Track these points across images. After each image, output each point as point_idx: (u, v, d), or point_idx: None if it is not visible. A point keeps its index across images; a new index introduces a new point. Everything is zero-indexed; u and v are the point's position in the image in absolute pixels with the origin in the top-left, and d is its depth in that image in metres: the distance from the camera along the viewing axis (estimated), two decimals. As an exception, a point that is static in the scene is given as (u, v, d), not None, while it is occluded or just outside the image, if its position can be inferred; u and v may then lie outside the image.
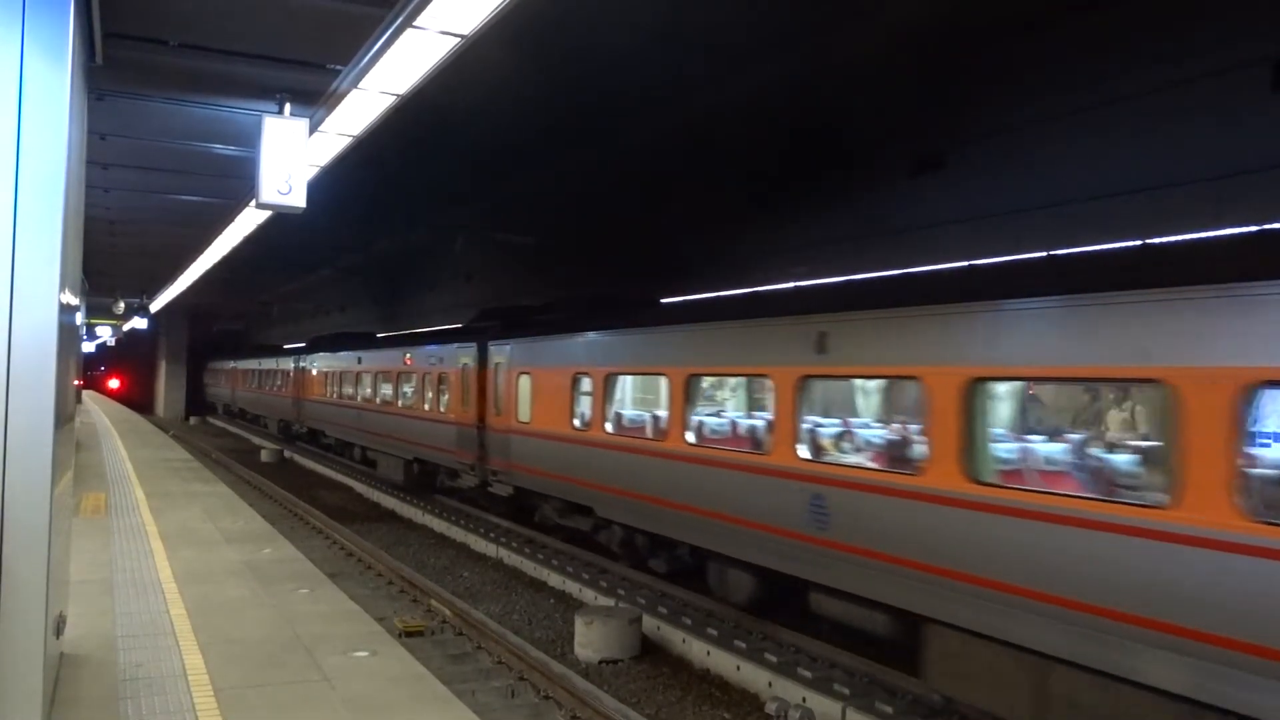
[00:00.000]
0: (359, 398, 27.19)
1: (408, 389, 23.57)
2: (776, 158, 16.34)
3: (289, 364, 36.66)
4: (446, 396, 20.70)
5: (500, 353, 17.97)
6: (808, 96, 13.87)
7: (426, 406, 21.80)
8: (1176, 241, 10.37)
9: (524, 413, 16.80)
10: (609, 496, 13.84)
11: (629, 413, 14.56)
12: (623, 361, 14.05)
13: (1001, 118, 12.87)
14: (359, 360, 27.44)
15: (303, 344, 37.57)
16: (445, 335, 22.47)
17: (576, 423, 14.86)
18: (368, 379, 26.54)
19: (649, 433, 13.68)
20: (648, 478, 12.90)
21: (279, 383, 38.42)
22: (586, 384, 14.68)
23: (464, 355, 19.62)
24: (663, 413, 13.31)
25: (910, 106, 13.60)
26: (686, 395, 12.23)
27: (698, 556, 12.50)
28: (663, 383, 13.10)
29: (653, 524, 12.93)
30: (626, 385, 14.77)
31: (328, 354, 31.25)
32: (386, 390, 25.40)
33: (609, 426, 14.00)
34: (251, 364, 45.85)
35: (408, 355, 23.52)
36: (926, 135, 14.04)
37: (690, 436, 12.16)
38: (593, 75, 13.30)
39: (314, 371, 32.68)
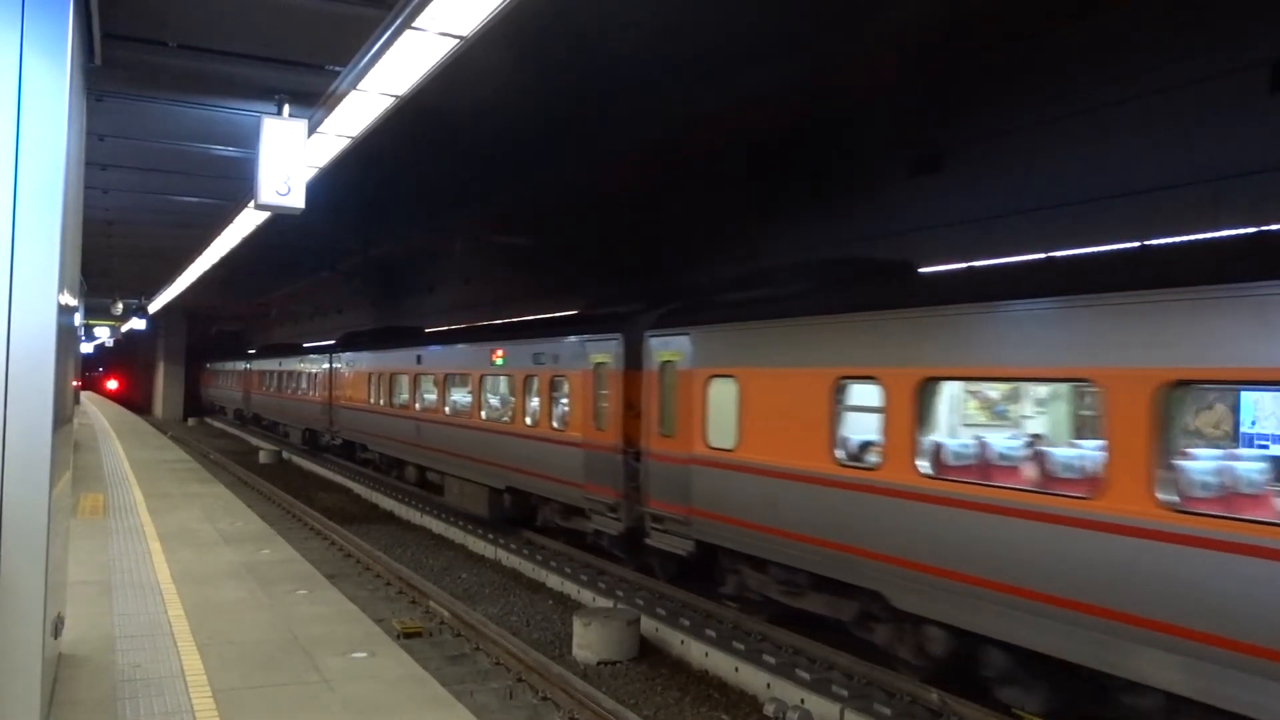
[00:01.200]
0: (419, 406, 22.38)
1: (498, 396, 19.20)
2: (776, 158, 16.35)
3: (317, 364, 32.18)
4: (565, 407, 15.87)
5: (671, 346, 12.88)
6: (807, 97, 13.87)
7: (529, 420, 16.90)
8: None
9: (720, 434, 11.79)
10: (929, 581, 8.73)
11: (972, 443, 9.18)
12: (970, 357, 8.74)
13: (1000, 119, 12.87)
14: (418, 359, 22.65)
15: (331, 340, 33.78)
16: (558, 325, 17.83)
17: (841, 454, 9.97)
18: (432, 382, 21.54)
19: (1034, 477, 8.53)
20: (1042, 560, 7.74)
21: (304, 386, 33.82)
22: (865, 395, 9.78)
23: (598, 351, 14.71)
24: (1089, 451, 8.38)
25: (909, 108, 13.61)
26: (1160, 418, 7.02)
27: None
28: (1095, 398, 8.10)
29: (1062, 644, 7.61)
30: (958, 398, 10.17)
31: (372, 352, 26.47)
32: (462, 397, 20.53)
33: (923, 464, 8.94)
34: (269, 364, 40.71)
35: (498, 350, 18.46)
36: (925, 136, 14.05)
37: (1166, 494, 6.95)
38: (591, 76, 13.30)
39: (352, 373, 27.88)
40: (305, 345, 39.18)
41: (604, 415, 14.37)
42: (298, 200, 8.34)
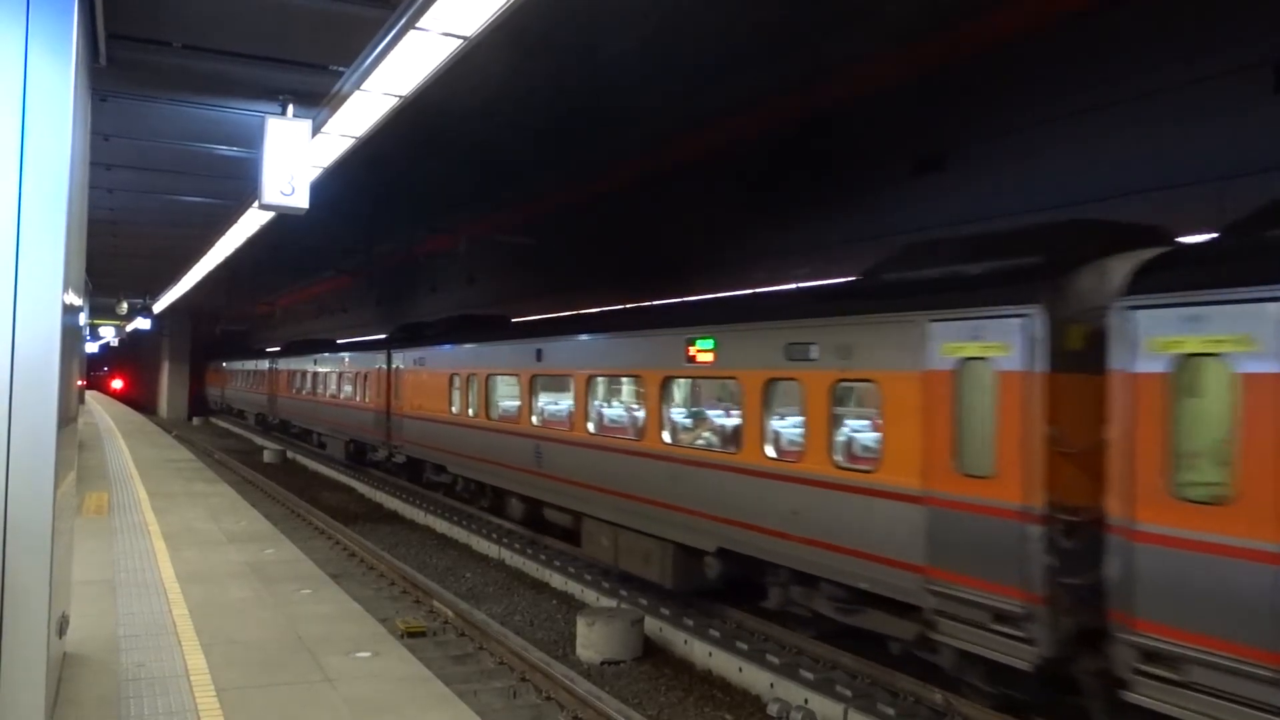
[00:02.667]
0: (539, 419, 16.31)
1: (702, 410, 14.16)
2: (778, 159, 16.35)
3: (368, 362, 26.41)
4: (870, 431, 10.36)
5: (1217, 325, 6.80)
6: (809, 97, 13.87)
7: (772, 450, 10.88)
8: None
9: None
10: None
11: None
12: None
13: (1002, 119, 12.87)
14: (538, 355, 16.06)
15: (383, 333, 29.60)
16: (840, 295, 10.97)
17: None
18: (567, 387, 15.21)
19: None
20: None
21: (351, 389, 27.98)
22: None
23: (973, 337, 8.52)
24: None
25: (911, 108, 13.60)
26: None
27: None
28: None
29: None
30: None
31: (458, 346, 20.01)
32: (624, 411, 15.37)
33: None
34: (301, 363, 34.77)
35: (701, 342, 12.02)
36: (927, 136, 14.04)
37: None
38: (594, 77, 13.32)
39: (424, 374, 21.86)
40: (351, 340, 33.28)
41: (988, 447, 8.28)
42: (302, 200, 8.35)
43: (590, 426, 14.41)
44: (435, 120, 12.83)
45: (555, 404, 16.45)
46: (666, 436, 12.62)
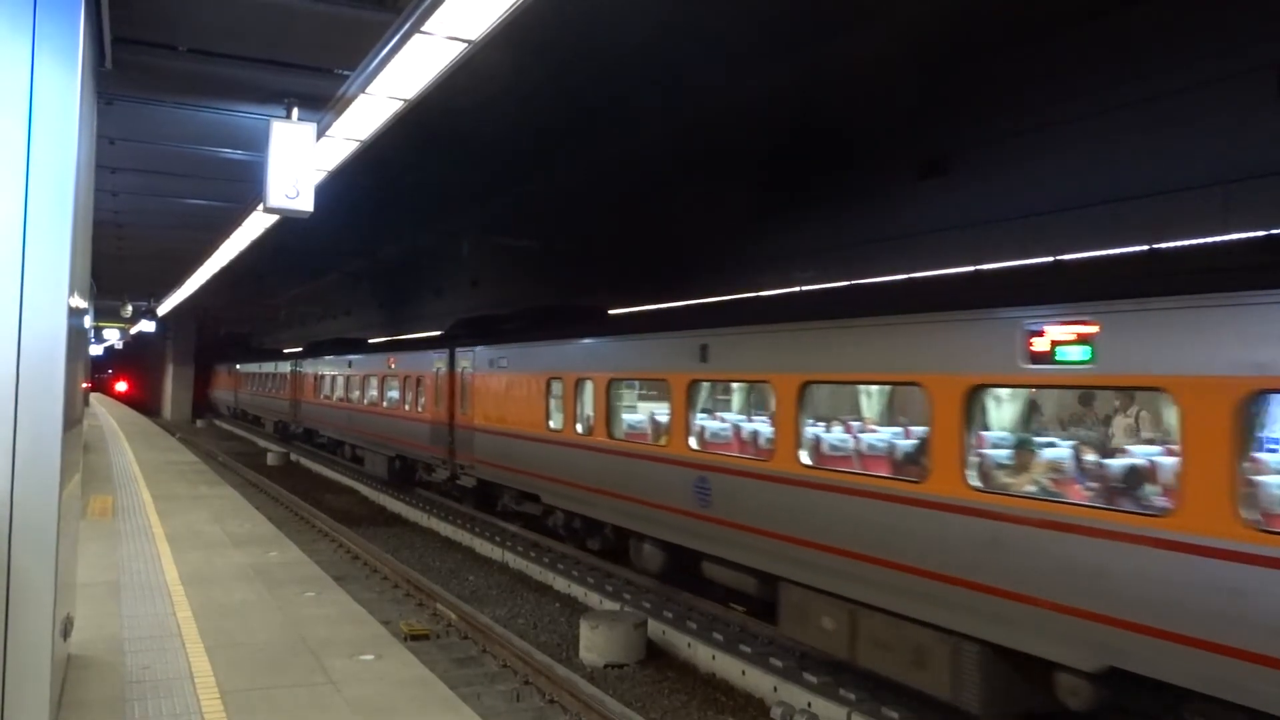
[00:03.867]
0: (714, 437, 12.48)
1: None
2: (782, 162, 16.35)
3: (423, 364, 22.16)
4: None
5: None
6: (813, 100, 13.88)
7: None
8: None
9: None
10: None
11: None
12: None
13: (1007, 122, 12.87)
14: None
15: (433, 333, 25.85)
16: None
17: None
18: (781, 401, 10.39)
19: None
20: None
21: (403, 397, 23.59)
22: None
23: None
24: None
25: (915, 111, 13.61)
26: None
27: None
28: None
29: None
30: None
31: (617, 342, 14.48)
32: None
33: None
34: (333, 365, 30.71)
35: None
36: (931, 139, 14.05)
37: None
38: (598, 78, 13.33)
39: (519, 378, 17.07)
40: (397, 338, 30.32)
41: None
42: (306, 203, 8.37)
43: (805, 456, 10.06)
44: (439, 121, 12.84)
45: (739, 421, 12.98)
46: (975, 479, 8.06)
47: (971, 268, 12.86)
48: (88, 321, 9.39)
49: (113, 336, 48.69)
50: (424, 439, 21.87)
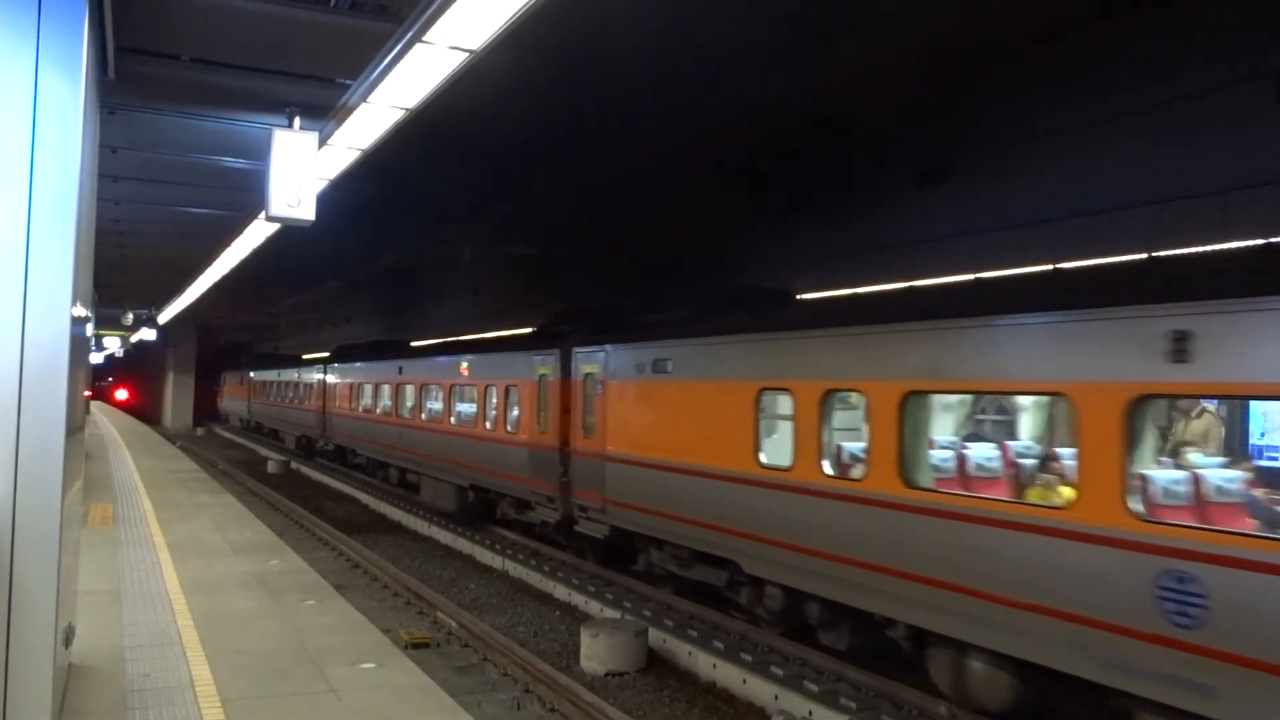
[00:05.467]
0: None
1: None
2: (784, 168, 16.39)
3: (514, 370, 17.35)
4: None
5: None
6: (815, 107, 13.92)
7: None
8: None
9: None
10: None
11: None
12: None
13: (1008, 130, 12.91)
14: None
15: (523, 330, 21.23)
16: None
17: None
18: None
19: None
20: None
21: (487, 412, 18.68)
22: None
23: None
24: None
25: (916, 118, 13.65)
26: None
27: None
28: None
29: None
30: None
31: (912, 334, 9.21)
32: None
33: None
34: (376, 371, 26.07)
35: None
36: (933, 147, 14.08)
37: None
38: (599, 86, 13.36)
39: (692, 393, 12.41)
40: (474, 338, 25.18)
41: None
42: (308, 212, 8.39)
43: None
44: (440, 128, 12.86)
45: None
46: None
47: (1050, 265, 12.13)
48: (89, 329, 9.40)
49: (113, 344, 48.67)
50: (517, 467, 16.91)
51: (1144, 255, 10.56)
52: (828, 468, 9.97)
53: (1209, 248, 9.64)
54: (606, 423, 14.06)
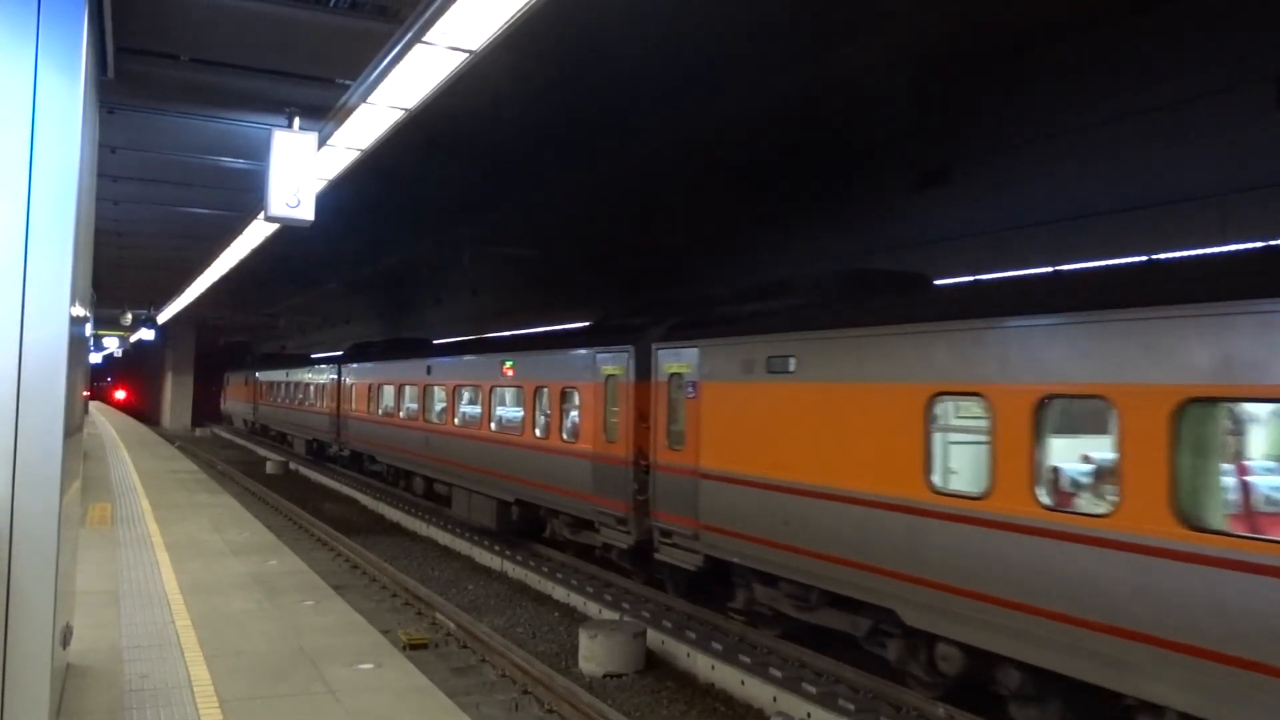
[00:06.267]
0: None
1: None
2: (782, 171, 16.39)
3: (579, 368, 15.15)
4: None
5: None
6: (814, 110, 13.92)
7: None
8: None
9: None
10: None
11: None
12: None
13: (1007, 133, 12.91)
14: None
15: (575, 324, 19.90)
16: None
17: None
18: None
19: None
20: None
21: (534, 417, 16.58)
22: None
23: None
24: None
25: (916, 121, 13.65)
26: None
27: None
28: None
29: None
30: None
31: None
32: None
33: None
34: (406, 372, 23.48)
35: None
36: (932, 149, 14.09)
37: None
38: (599, 89, 13.36)
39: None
40: (522, 334, 22.17)
41: None
42: (307, 212, 8.39)
43: None
44: (440, 129, 12.87)
45: None
46: None
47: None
48: (88, 329, 9.40)
49: (112, 344, 48.62)
50: (576, 482, 14.90)
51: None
52: (1044, 497, 7.73)
53: None
54: (700, 432, 11.93)
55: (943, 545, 8.47)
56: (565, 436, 15.44)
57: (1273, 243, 9.71)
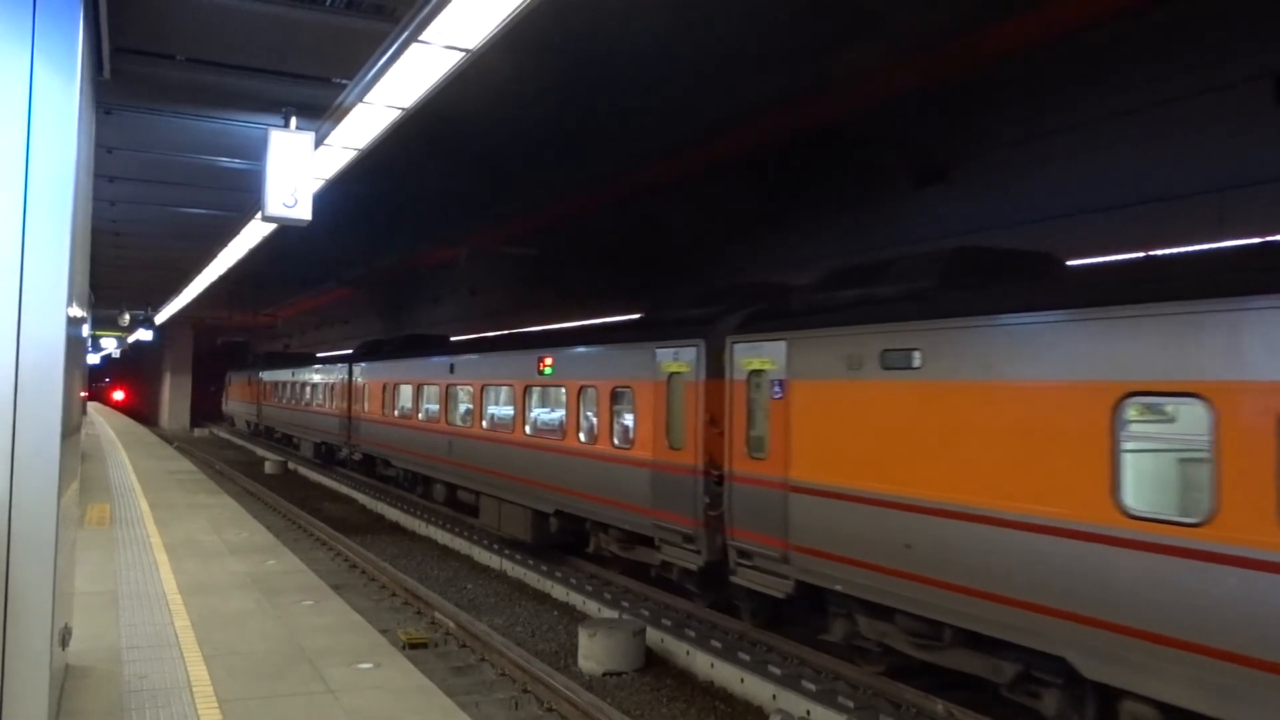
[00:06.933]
0: None
1: None
2: (781, 169, 16.39)
3: (635, 364, 13.45)
4: None
5: None
6: (812, 108, 13.92)
7: None
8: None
9: None
10: None
11: None
12: None
13: (1005, 131, 12.92)
14: None
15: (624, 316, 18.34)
16: None
17: None
18: None
19: None
20: None
21: (577, 421, 15.00)
22: None
23: None
24: None
25: (914, 118, 13.65)
26: None
27: None
28: None
29: None
30: None
31: None
32: None
33: None
34: (425, 371, 21.90)
35: None
36: (930, 148, 14.09)
37: None
38: (597, 88, 13.38)
39: None
40: (564, 328, 20.62)
41: None
42: (304, 212, 8.37)
43: None
44: (438, 129, 12.89)
45: None
46: None
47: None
48: (86, 330, 9.39)
49: (110, 345, 48.57)
50: (631, 493, 13.31)
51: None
52: None
53: None
54: (791, 438, 10.37)
55: (1140, 582, 6.92)
56: (616, 441, 13.85)
57: None
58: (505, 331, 22.42)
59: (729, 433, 11.42)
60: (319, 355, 35.50)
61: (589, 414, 14.78)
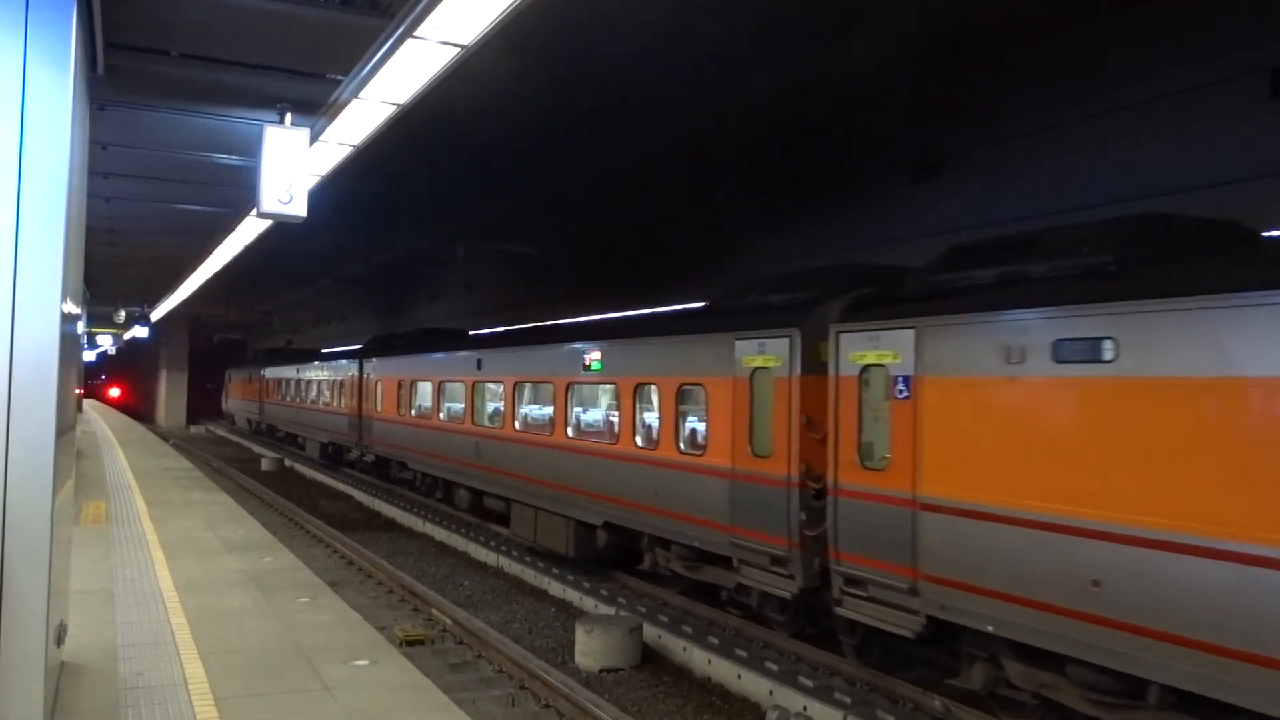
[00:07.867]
0: None
1: None
2: (777, 166, 16.38)
3: (707, 359, 11.78)
4: None
5: None
6: (808, 105, 13.91)
7: None
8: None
9: None
10: None
11: None
12: None
13: (1001, 126, 12.90)
14: None
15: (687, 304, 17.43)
16: None
17: None
18: None
19: None
20: None
21: (632, 424, 13.36)
22: None
23: None
24: None
25: (910, 114, 13.64)
26: None
27: None
28: None
29: None
30: None
31: None
32: None
33: None
34: (449, 367, 20.28)
35: None
36: (926, 143, 14.08)
37: None
38: (594, 84, 13.34)
39: None
40: (609, 319, 19.26)
41: None
42: (299, 209, 8.35)
43: None
44: (434, 125, 12.83)
45: None
46: None
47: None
48: (81, 327, 9.37)
49: (106, 342, 48.47)
50: (702, 505, 11.73)
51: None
52: None
53: None
54: (920, 446, 8.71)
55: None
56: (683, 447, 12.29)
57: None
58: (543, 323, 20.73)
59: (834, 438, 9.74)
60: (326, 351, 33.85)
61: (647, 415, 13.30)
